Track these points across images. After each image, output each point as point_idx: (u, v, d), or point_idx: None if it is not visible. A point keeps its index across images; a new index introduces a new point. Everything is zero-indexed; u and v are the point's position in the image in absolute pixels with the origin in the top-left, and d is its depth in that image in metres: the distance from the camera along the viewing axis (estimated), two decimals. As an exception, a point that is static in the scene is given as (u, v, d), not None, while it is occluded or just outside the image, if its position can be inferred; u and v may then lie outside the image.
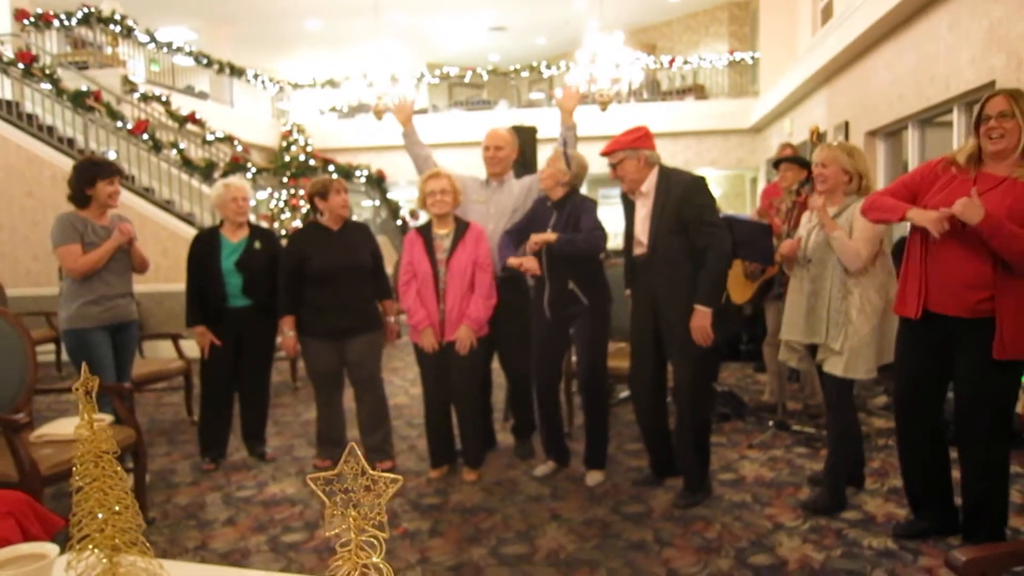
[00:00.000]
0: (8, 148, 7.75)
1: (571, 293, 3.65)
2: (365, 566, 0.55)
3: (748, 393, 5.37)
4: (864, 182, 3.31)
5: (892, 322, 3.17)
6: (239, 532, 3.34)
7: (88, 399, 0.89)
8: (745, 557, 2.94)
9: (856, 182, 3.31)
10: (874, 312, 3.18)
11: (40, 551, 1.04)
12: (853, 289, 3.19)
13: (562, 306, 3.68)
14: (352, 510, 0.54)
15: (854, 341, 3.18)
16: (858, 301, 3.18)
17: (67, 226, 3.77)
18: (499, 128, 4.27)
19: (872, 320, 3.17)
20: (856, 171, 3.30)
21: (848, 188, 3.32)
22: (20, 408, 3.10)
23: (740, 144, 13.64)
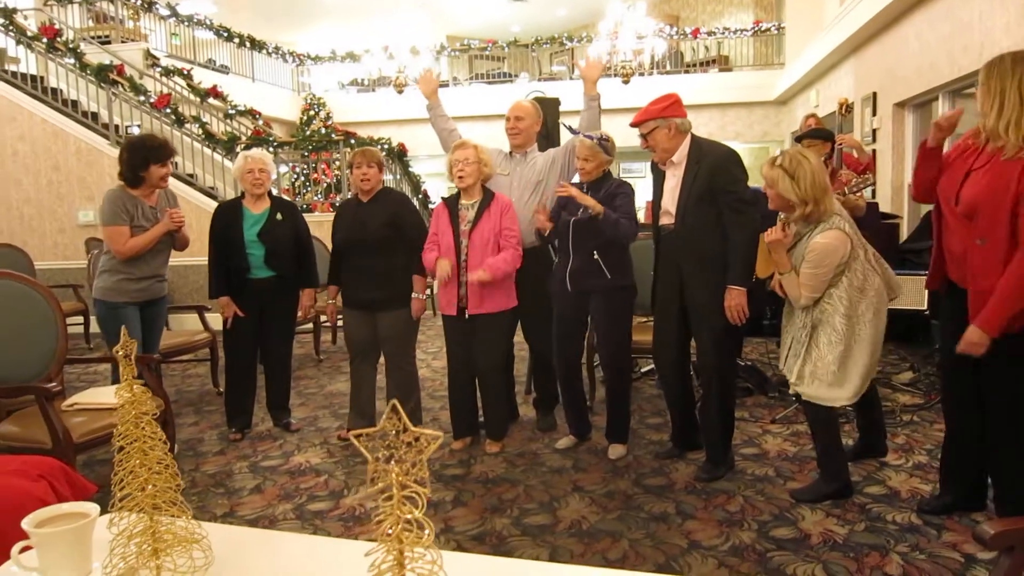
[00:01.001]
0: (33, 122, 7.82)
1: (595, 264, 3.62)
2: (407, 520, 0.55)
3: (771, 368, 5.34)
4: (811, 208, 2.98)
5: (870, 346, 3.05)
6: (266, 500, 3.40)
7: (128, 362, 0.90)
8: (767, 530, 2.95)
9: (801, 209, 2.99)
10: (840, 340, 3.02)
11: (82, 510, 1.07)
12: (819, 317, 3.08)
13: (584, 278, 3.64)
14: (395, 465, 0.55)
15: (818, 366, 3.07)
16: (825, 330, 3.06)
17: (119, 206, 3.82)
18: (522, 100, 4.24)
19: (837, 348, 3.03)
20: (800, 199, 2.97)
21: (795, 216, 3.03)
22: (52, 377, 3.16)
23: (764, 117, 13.46)
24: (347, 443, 4.10)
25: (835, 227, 3.00)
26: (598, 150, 3.62)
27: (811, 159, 3.03)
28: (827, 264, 2.99)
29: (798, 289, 3.06)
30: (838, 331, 3.04)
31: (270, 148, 8.65)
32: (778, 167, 3.02)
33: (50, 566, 1.04)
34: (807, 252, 3.02)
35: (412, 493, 0.55)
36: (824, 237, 2.99)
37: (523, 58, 15.40)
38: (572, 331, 3.83)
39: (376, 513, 0.57)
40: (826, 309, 3.06)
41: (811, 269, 3.01)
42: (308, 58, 15.26)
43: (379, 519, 0.56)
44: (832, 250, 2.99)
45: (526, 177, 4.05)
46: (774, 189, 3.04)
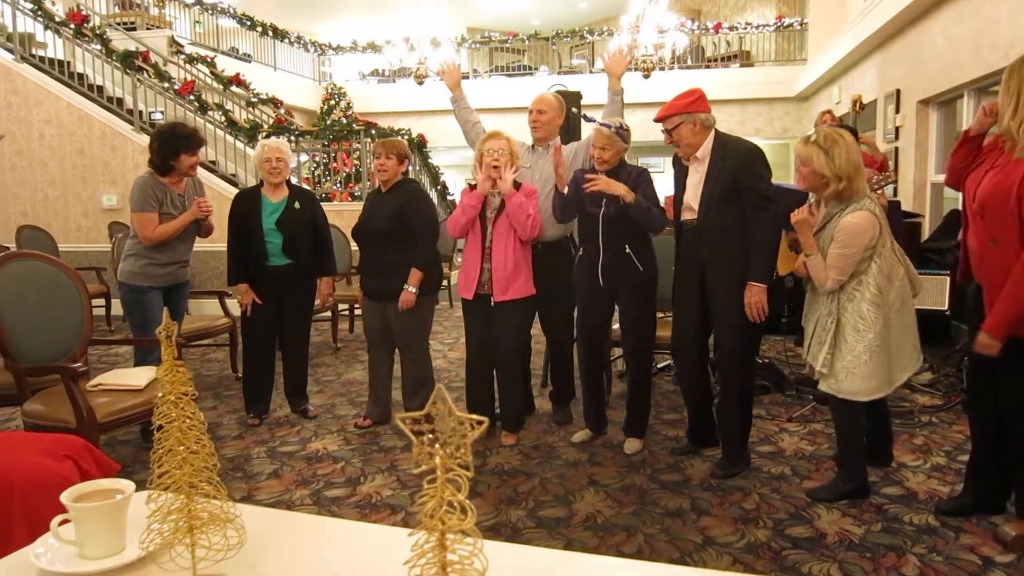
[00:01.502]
0: (60, 107, 7.91)
1: (627, 258, 3.61)
2: (450, 503, 0.56)
3: (788, 366, 5.33)
4: (844, 185, 2.96)
5: (899, 336, 3.01)
6: (283, 485, 3.43)
7: (169, 342, 0.92)
8: (783, 528, 2.95)
9: (835, 186, 2.97)
10: (869, 328, 2.97)
11: (118, 486, 1.09)
12: (847, 305, 3.03)
13: (616, 272, 3.64)
14: (439, 448, 0.56)
15: (847, 360, 3.01)
16: (852, 318, 3.01)
17: (148, 193, 3.88)
18: (546, 93, 4.24)
19: (866, 337, 2.97)
20: (834, 174, 2.94)
21: (827, 193, 3.01)
22: (78, 358, 3.21)
23: (786, 113, 13.36)
24: (364, 431, 4.13)
25: (865, 208, 2.98)
26: (615, 138, 3.61)
27: (845, 137, 3.01)
28: (856, 244, 2.95)
29: (824, 271, 3.01)
30: (866, 319, 2.98)
31: (291, 137, 8.71)
32: (813, 144, 3.00)
33: (87, 540, 1.06)
34: (836, 232, 2.99)
35: (455, 476, 0.56)
36: (854, 217, 2.96)
37: (543, 51, 15.38)
38: (599, 324, 3.83)
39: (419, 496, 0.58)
40: (854, 296, 3.01)
41: (839, 249, 2.97)
42: (330, 48, 15.31)
43: (422, 501, 0.58)
44: (862, 230, 2.95)
45: (548, 171, 4.05)
46: (808, 166, 3.01)
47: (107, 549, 1.06)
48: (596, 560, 1.09)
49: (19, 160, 8.01)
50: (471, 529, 0.58)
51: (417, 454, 0.56)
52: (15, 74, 7.93)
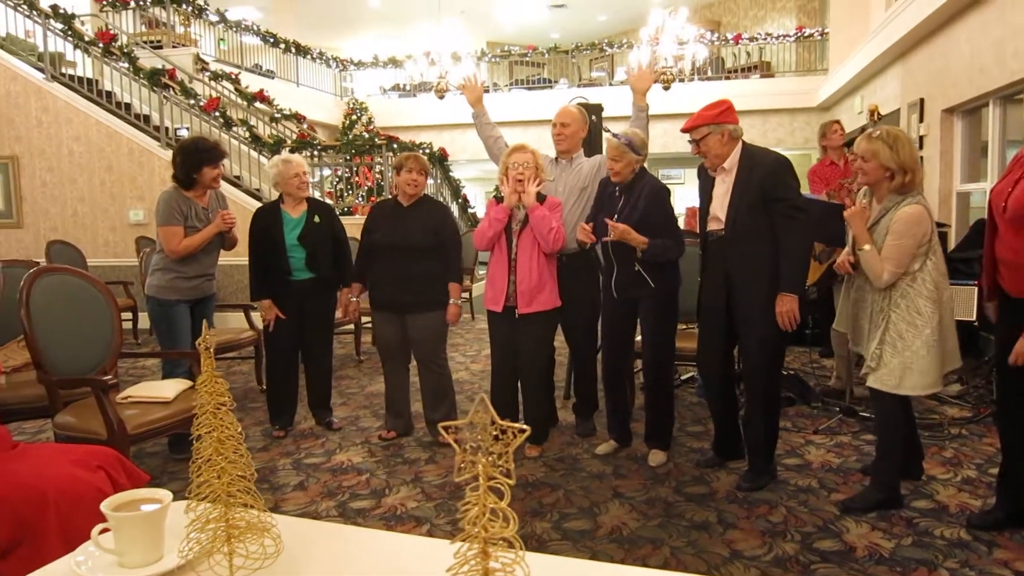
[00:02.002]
0: (88, 124, 8.06)
1: (638, 275, 3.62)
2: (493, 510, 0.57)
3: (813, 378, 5.28)
4: (909, 178, 3.01)
5: (951, 330, 3.03)
6: (309, 497, 3.45)
7: (208, 354, 0.94)
8: (811, 542, 2.91)
9: (900, 178, 3.02)
10: (926, 323, 2.97)
11: (155, 496, 1.11)
12: (900, 301, 3.02)
13: (628, 288, 3.65)
14: (482, 457, 0.57)
15: (905, 356, 3.00)
16: (906, 313, 3.01)
17: (173, 207, 3.93)
18: (568, 105, 4.25)
19: (923, 332, 2.97)
20: (899, 166, 3.00)
21: (891, 186, 3.05)
22: (108, 370, 3.25)
23: (807, 123, 13.29)
24: (388, 443, 4.15)
25: (919, 202, 3.01)
26: (626, 150, 3.62)
27: (904, 133, 3.10)
28: (913, 235, 2.96)
29: (880, 264, 3.01)
30: (923, 314, 2.99)
31: (314, 152, 8.80)
32: (877, 139, 3.05)
33: (126, 549, 1.08)
34: (892, 223, 3.00)
35: (497, 484, 0.57)
36: (911, 208, 2.98)
37: (563, 64, 15.44)
38: (620, 336, 3.83)
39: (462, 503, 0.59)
40: (907, 292, 3.01)
41: (897, 240, 2.98)
42: (351, 63, 15.47)
43: (465, 509, 0.58)
44: (919, 220, 2.97)
45: (571, 183, 4.07)
46: (874, 160, 3.04)
47: (146, 557, 1.08)
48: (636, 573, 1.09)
49: (49, 177, 8.16)
50: (513, 537, 0.58)
51: (459, 462, 0.57)
52: (46, 93, 8.09)
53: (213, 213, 4.08)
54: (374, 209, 4.27)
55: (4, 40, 8.57)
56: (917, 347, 2.99)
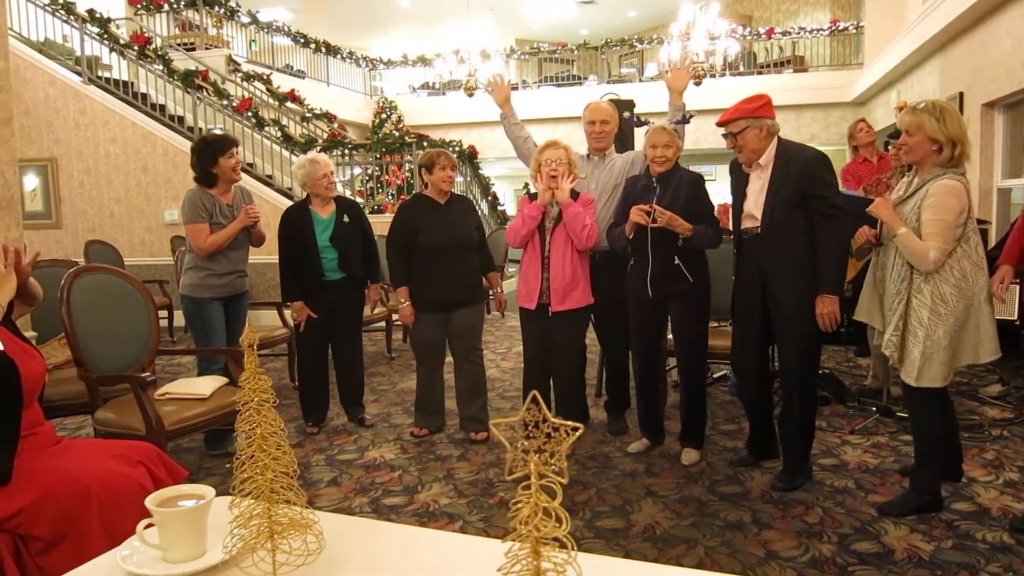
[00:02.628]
0: (124, 125, 8.20)
1: (676, 269, 3.58)
2: (545, 509, 0.56)
3: (849, 377, 5.20)
4: (959, 150, 2.87)
5: (975, 322, 2.88)
6: (343, 492, 3.48)
7: (252, 351, 0.94)
8: (848, 543, 2.87)
9: (948, 151, 2.87)
10: (950, 312, 2.84)
11: (198, 492, 1.12)
12: (923, 287, 2.90)
13: (665, 283, 3.61)
14: (534, 456, 0.56)
15: (926, 345, 2.88)
16: (929, 300, 2.88)
17: (197, 205, 3.96)
18: (601, 102, 4.23)
19: (947, 321, 2.85)
20: (948, 138, 2.86)
21: (938, 159, 2.91)
22: (146, 367, 3.30)
23: (842, 118, 13.08)
24: (420, 440, 4.16)
25: (959, 179, 2.88)
26: (676, 136, 3.60)
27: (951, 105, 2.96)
28: (951, 208, 2.82)
29: (922, 245, 2.86)
30: (948, 302, 2.85)
31: (345, 150, 8.86)
32: (922, 111, 2.91)
33: (170, 544, 1.09)
34: (926, 198, 2.88)
35: (549, 483, 0.56)
36: (948, 180, 2.85)
37: (592, 60, 15.36)
38: (652, 334, 3.79)
39: (513, 502, 0.58)
40: (932, 277, 2.88)
41: (936, 215, 2.84)
42: (380, 62, 15.55)
43: (516, 508, 0.58)
44: (957, 192, 2.84)
45: (604, 181, 4.04)
46: (920, 133, 2.90)
47: (189, 553, 1.09)
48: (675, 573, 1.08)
49: (87, 178, 8.32)
50: (565, 537, 0.58)
51: (511, 460, 0.57)
52: (83, 96, 8.25)
53: (238, 210, 4.10)
54: (408, 208, 4.17)
55: (43, 45, 8.75)
56: (939, 337, 2.87)
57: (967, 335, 2.90)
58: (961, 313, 2.87)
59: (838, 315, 3.19)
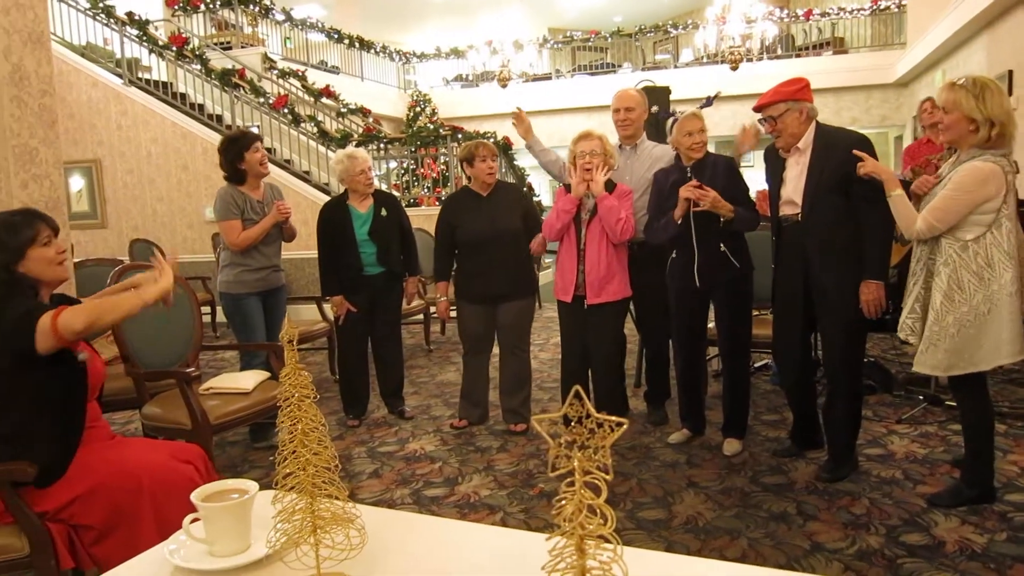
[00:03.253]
0: (165, 125, 8.35)
1: (723, 256, 3.53)
2: (590, 507, 0.55)
3: (895, 365, 5.09)
4: (997, 131, 2.71)
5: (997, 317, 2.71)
6: (384, 484, 3.51)
7: (291, 346, 0.95)
8: (897, 535, 2.80)
9: (986, 131, 2.71)
10: (965, 301, 2.72)
11: (242, 486, 1.13)
12: (942, 269, 2.78)
13: (713, 272, 3.56)
14: (577, 452, 0.55)
15: (932, 330, 2.79)
16: (945, 284, 2.76)
17: (229, 202, 4.03)
18: (628, 88, 4.17)
19: (959, 309, 2.72)
20: (986, 118, 2.70)
21: (975, 139, 2.75)
22: (190, 363, 3.36)
23: (884, 100, 12.79)
24: (460, 431, 4.18)
25: (996, 161, 2.73)
26: (705, 120, 3.55)
27: (995, 82, 2.79)
28: (969, 192, 2.70)
29: (911, 213, 2.77)
30: (964, 290, 2.73)
31: (380, 145, 8.91)
32: (960, 87, 2.75)
33: (216, 538, 1.11)
34: (954, 174, 2.77)
35: (594, 480, 0.55)
36: (981, 162, 2.72)
37: (626, 48, 15.20)
38: (696, 324, 3.75)
39: (557, 500, 0.57)
40: (952, 260, 2.76)
41: (950, 192, 2.73)
42: (414, 56, 15.59)
43: (560, 506, 0.57)
44: (983, 178, 2.71)
45: (638, 172, 3.98)
46: (956, 112, 2.75)
47: (234, 547, 1.11)
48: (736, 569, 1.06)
49: (130, 178, 8.49)
50: (611, 534, 0.57)
51: (553, 457, 0.56)
52: (124, 97, 8.41)
53: (268, 206, 4.16)
54: (451, 202, 4.24)
55: (85, 48, 8.94)
56: (947, 324, 2.75)
57: (987, 333, 2.74)
58: (979, 304, 2.73)
59: (883, 301, 3.12)
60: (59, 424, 2.06)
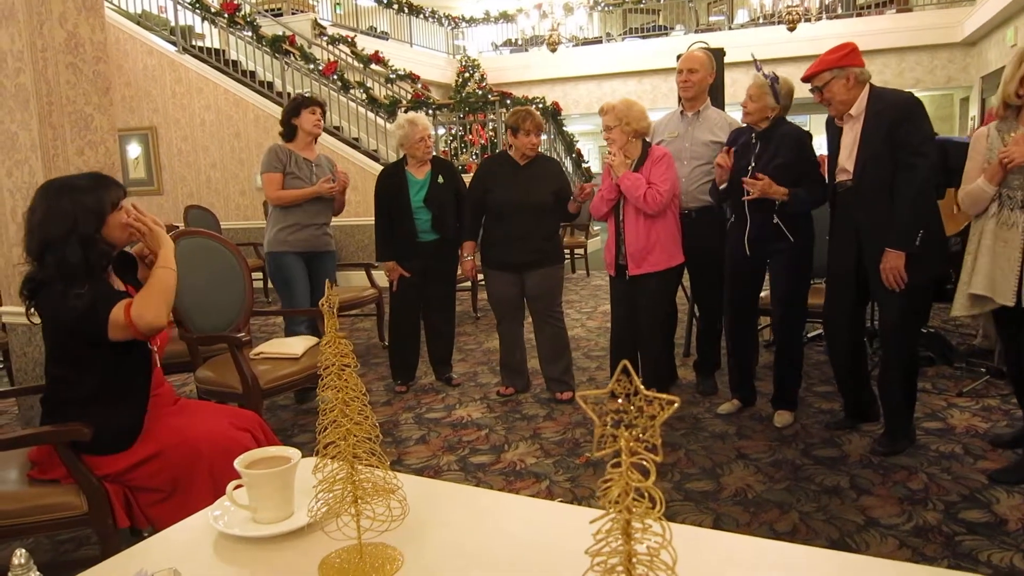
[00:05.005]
0: (218, 92, 8.44)
1: (775, 228, 3.42)
2: (638, 490, 0.52)
3: (956, 336, 4.91)
4: None
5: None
6: (431, 450, 3.53)
7: (331, 314, 0.93)
8: (956, 512, 2.71)
9: None
10: None
11: (285, 454, 1.13)
12: None
13: (763, 242, 3.46)
14: (624, 431, 0.51)
15: None
16: None
17: (272, 156, 4.12)
18: (695, 50, 4.03)
19: None
20: None
21: None
22: (241, 328, 3.41)
23: (950, 60, 12.23)
24: (506, 399, 4.18)
25: None
26: (766, 91, 3.39)
27: None
28: None
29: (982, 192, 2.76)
30: None
31: (429, 111, 8.88)
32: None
33: (259, 504, 1.11)
34: None
35: (642, 461, 0.52)
36: None
37: (679, 9, 14.81)
38: (747, 291, 3.66)
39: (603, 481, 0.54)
40: None
41: None
42: (463, 20, 15.45)
43: (606, 487, 0.54)
44: None
45: (699, 138, 3.87)
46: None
47: (278, 514, 1.11)
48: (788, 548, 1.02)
49: (184, 146, 8.64)
50: (658, 519, 0.53)
51: (599, 436, 0.52)
52: (178, 65, 8.53)
53: (318, 167, 4.20)
54: (488, 164, 4.23)
55: (140, 16, 9.07)
56: None
57: None
58: None
59: (903, 272, 2.99)
60: (127, 395, 2.09)
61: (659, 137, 4.02)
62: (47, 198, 2.01)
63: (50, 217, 1.97)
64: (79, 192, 2.02)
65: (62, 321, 1.97)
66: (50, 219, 1.97)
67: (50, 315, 2.00)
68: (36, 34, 3.23)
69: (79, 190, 2.02)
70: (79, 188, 2.03)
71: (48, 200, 2.00)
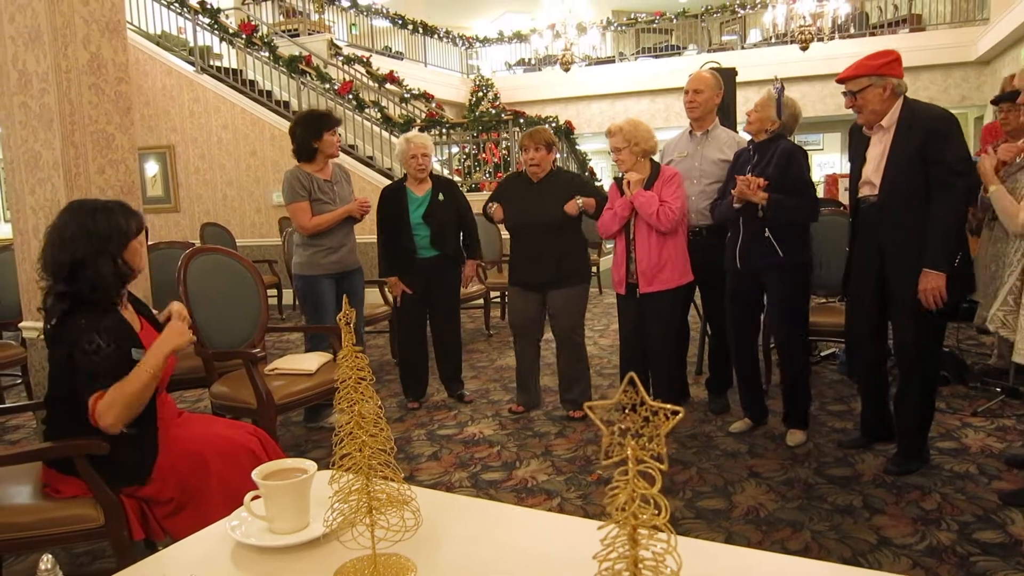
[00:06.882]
0: (235, 112, 8.56)
1: (766, 242, 3.42)
2: (644, 497, 0.54)
3: (971, 356, 4.88)
4: None
5: None
6: (443, 467, 3.54)
7: (348, 329, 0.96)
8: (970, 532, 2.70)
9: None
10: None
11: (302, 466, 1.16)
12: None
13: (753, 256, 3.47)
14: (631, 440, 0.54)
15: None
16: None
17: (296, 184, 4.01)
18: (701, 71, 4.07)
19: None
20: None
21: None
22: (256, 344, 3.46)
23: (964, 79, 12.21)
24: (518, 416, 4.19)
25: None
26: (769, 104, 3.42)
27: None
28: None
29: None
30: None
31: (442, 130, 8.96)
32: None
33: (276, 515, 1.14)
34: None
35: (648, 469, 0.54)
36: None
37: (691, 29, 14.88)
38: (744, 309, 3.66)
39: (610, 488, 0.56)
40: None
41: None
42: (477, 40, 15.60)
43: (613, 494, 0.56)
44: None
45: (709, 157, 3.89)
46: None
47: (294, 524, 1.13)
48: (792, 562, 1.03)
49: (201, 164, 8.75)
50: (664, 525, 0.55)
51: (607, 444, 0.54)
52: (196, 84, 8.66)
53: (336, 185, 4.14)
54: (503, 184, 4.30)
55: (160, 37, 9.23)
56: None
57: None
58: None
59: (944, 293, 2.95)
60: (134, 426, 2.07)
61: (668, 157, 4.05)
62: (81, 216, 2.08)
63: (84, 235, 2.05)
64: (111, 214, 2.11)
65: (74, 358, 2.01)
66: (84, 237, 2.04)
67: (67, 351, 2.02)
68: (60, 56, 3.31)
69: (111, 212, 2.11)
70: (111, 210, 2.12)
71: (83, 218, 2.07)
